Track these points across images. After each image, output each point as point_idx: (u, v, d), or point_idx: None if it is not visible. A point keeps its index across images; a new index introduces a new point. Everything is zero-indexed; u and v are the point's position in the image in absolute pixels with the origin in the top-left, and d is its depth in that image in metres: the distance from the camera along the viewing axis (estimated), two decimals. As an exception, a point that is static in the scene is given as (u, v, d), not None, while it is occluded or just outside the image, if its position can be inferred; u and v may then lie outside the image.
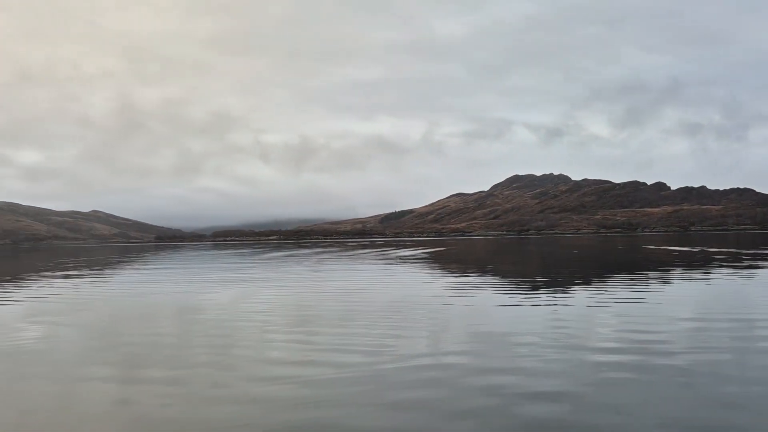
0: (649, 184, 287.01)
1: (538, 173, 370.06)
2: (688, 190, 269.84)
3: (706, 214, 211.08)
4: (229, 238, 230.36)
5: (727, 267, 24.09)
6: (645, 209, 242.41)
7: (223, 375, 7.18)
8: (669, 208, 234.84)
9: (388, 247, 72.08)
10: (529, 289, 16.43)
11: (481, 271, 25.40)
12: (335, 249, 68.60)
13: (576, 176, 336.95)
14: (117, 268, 34.41)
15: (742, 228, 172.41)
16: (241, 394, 6.35)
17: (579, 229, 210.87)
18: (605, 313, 11.71)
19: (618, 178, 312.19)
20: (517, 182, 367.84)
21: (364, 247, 75.49)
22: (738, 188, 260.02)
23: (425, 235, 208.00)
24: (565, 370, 7.11)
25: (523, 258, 40.16)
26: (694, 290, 15.80)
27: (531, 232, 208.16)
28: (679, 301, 13.64)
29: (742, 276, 20.27)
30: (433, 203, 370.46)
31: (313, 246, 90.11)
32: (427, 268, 28.84)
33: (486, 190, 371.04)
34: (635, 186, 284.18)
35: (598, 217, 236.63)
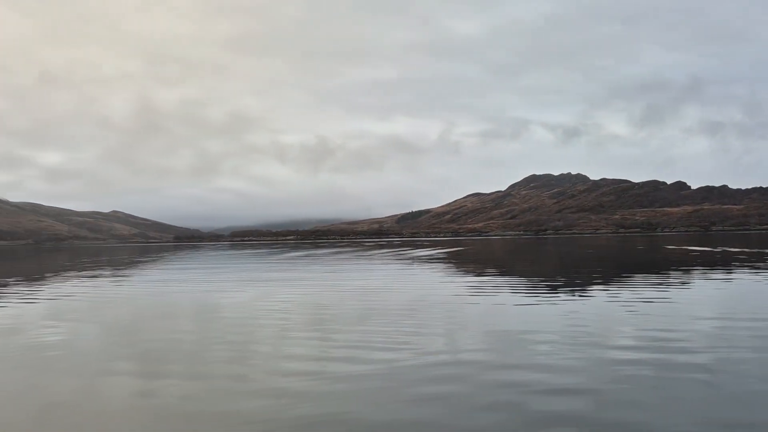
0: (668, 183, 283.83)
1: (556, 173, 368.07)
2: (708, 190, 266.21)
3: (727, 214, 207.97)
4: (247, 238, 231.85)
5: (749, 267, 23.77)
6: (665, 209, 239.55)
7: (243, 372, 7.27)
8: (689, 208, 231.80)
9: (405, 247, 72.07)
10: (548, 289, 16.37)
11: (499, 271, 25.33)
12: (352, 249, 68.74)
13: (594, 176, 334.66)
14: (137, 267, 34.84)
15: (765, 228, 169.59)
16: (261, 390, 6.43)
17: (597, 229, 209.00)
18: (625, 312, 11.64)
19: (637, 178, 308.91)
20: (534, 182, 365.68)
21: (381, 247, 75.55)
22: (760, 187, 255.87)
23: (442, 235, 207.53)
24: (584, 367, 7.10)
25: (540, 258, 39.95)
26: (715, 290, 15.63)
27: (548, 232, 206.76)
28: (699, 301, 13.50)
29: (765, 276, 19.99)
30: (450, 203, 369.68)
31: (331, 246, 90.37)
32: (444, 268, 28.82)
33: (503, 190, 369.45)
34: (655, 185, 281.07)
35: (617, 217, 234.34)
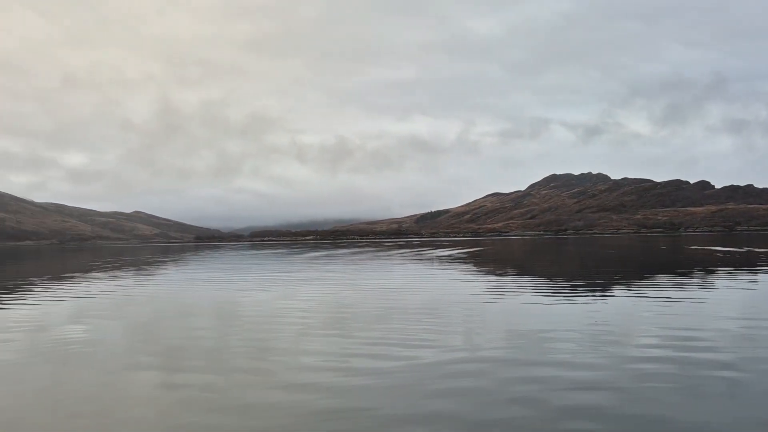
0: (692, 182, 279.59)
1: (576, 172, 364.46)
2: (733, 189, 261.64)
3: (753, 214, 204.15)
4: (267, 239, 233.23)
5: (775, 267, 23.36)
6: (688, 209, 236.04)
7: (265, 367, 7.34)
8: (713, 208, 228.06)
9: (424, 247, 71.99)
10: (568, 289, 16.28)
11: (519, 271, 25.22)
12: (372, 249, 68.85)
13: (615, 175, 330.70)
14: (159, 267, 35.28)
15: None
16: (282, 387, 6.46)
17: (618, 229, 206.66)
18: (648, 311, 11.54)
19: (659, 177, 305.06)
20: (554, 181, 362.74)
21: (401, 247, 75.56)
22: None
23: (461, 235, 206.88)
24: (607, 365, 7.06)
25: (561, 258, 39.67)
26: (741, 290, 15.41)
27: (569, 232, 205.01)
28: (724, 301, 13.32)
29: (790, 276, 19.64)
30: (469, 203, 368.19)
31: (350, 246, 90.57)
32: (464, 267, 28.76)
33: (523, 189, 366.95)
34: (677, 185, 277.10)
35: (639, 216, 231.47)
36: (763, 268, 22.99)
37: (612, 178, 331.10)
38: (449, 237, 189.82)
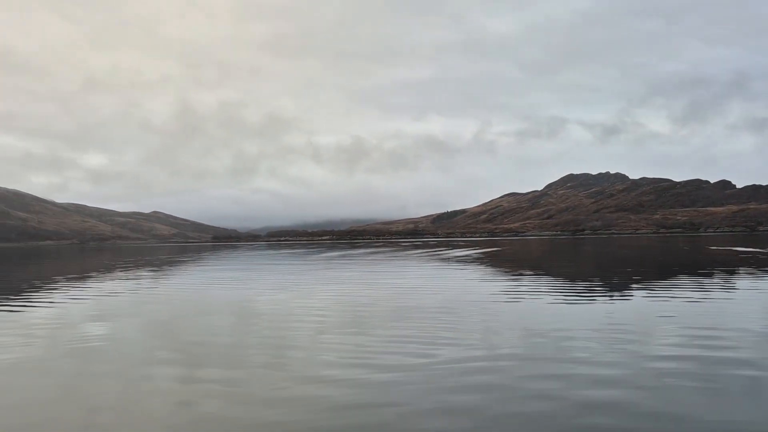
0: (712, 182, 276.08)
1: (594, 172, 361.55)
2: (755, 188, 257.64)
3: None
4: (283, 238, 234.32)
5: (798, 267, 23.00)
6: (708, 208, 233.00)
7: (279, 372, 7.37)
8: (734, 207, 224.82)
9: (441, 247, 71.88)
10: (586, 289, 16.18)
11: (536, 271, 25.10)
12: (388, 249, 68.88)
13: (634, 175, 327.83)
14: (178, 267, 35.63)
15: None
16: (300, 386, 6.50)
17: (637, 230, 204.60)
18: (667, 312, 11.43)
19: (678, 177, 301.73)
20: (571, 181, 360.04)
21: (417, 247, 75.50)
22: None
23: (478, 236, 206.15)
24: (625, 363, 7.02)
25: (578, 258, 39.39)
26: (764, 292, 15.21)
27: (586, 232, 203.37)
28: (746, 302, 13.15)
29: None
30: (486, 203, 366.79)
31: (366, 246, 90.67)
32: (481, 268, 28.69)
33: (540, 189, 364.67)
34: (697, 184, 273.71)
35: (658, 216, 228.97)
36: (786, 268, 22.64)
37: (630, 177, 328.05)
38: (465, 237, 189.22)
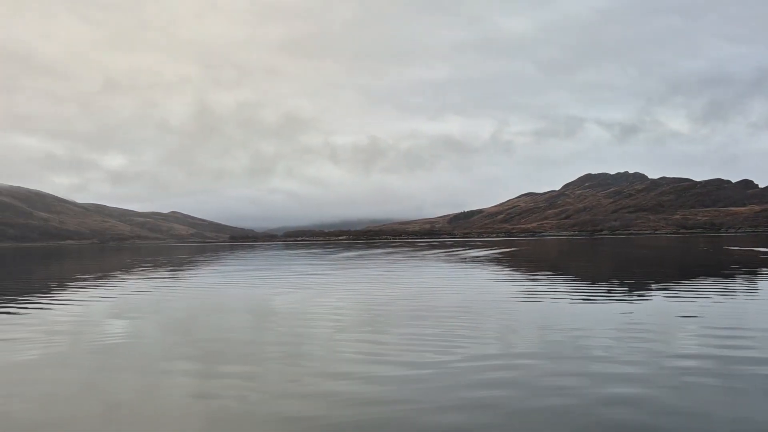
0: (734, 181, 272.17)
1: (612, 172, 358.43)
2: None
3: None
4: (300, 238, 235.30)
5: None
6: (729, 208, 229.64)
7: (296, 369, 7.33)
8: (757, 207, 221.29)
9: (458, 247, 71.72)
10: (605, 290, 16.08)
11: (555, 272, 24.98)
12: (405, 249, 68.88)
13: (653, 174, 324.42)
14: (196, 267, 35.97)
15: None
16: (316, 386, 6.48)
17: (656, 230, 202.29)
18: (687, 313, 11.33)
19: (699, 176, 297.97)
20: (589, 181, 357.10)
21: (434, 247, 75.40)
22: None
23: (495, 236, 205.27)
24: (643, 361, 6.98)
25: (596, 259, 39.10)
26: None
27: (604, 233, 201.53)
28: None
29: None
30: (503, 203, 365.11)
31: (383, 246, 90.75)
32: (498, 268, 28.61)
33: (557, 189, 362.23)
34: (718, 184, 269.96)
35: (677, 216, 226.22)
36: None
37: (649, 177, 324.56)
38: (482, 237, 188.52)
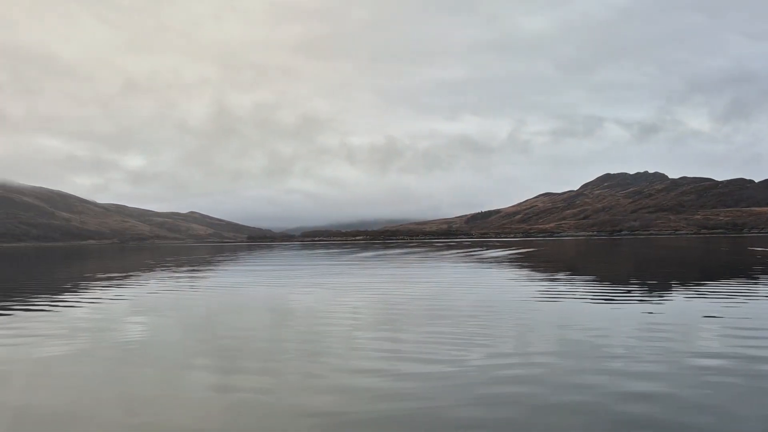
0: (756, 181, 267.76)
1: (632, 171, 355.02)
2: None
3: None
4: (318, 239, 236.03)
5: None
6: (752, 208, 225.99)
7: (316, 365, 7.33)
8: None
9: (475, 247, 71.49)
10: (623, 291, 15.94)
11: (573, 272, 24.81)
12: (422, 249, 68.82)
13: (673, 174, 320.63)
14: (215, 266, 36.28)
15: None
16: (332, 386, 6.42)
17: (677, 230, 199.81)
18: (708, 313, 11.20)
19: (721, 176, 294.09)
20: (608, 181, 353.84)
21: (451, 247, 75.24)
22: None
23: (512, 236, 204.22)
24: (662, 360, 6.91)
25: (616, 259, 38.75)
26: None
27: (624, 233, 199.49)
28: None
29: None
30: (521, 203, 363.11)
31: (400, 246, 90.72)
32: (516, 268, 28.49)
33: (575, 189, 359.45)
34: (741, 184, 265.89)
35: (699, 217, 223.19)
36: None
37: (670, 177, 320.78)
38: (500, 237, 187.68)
